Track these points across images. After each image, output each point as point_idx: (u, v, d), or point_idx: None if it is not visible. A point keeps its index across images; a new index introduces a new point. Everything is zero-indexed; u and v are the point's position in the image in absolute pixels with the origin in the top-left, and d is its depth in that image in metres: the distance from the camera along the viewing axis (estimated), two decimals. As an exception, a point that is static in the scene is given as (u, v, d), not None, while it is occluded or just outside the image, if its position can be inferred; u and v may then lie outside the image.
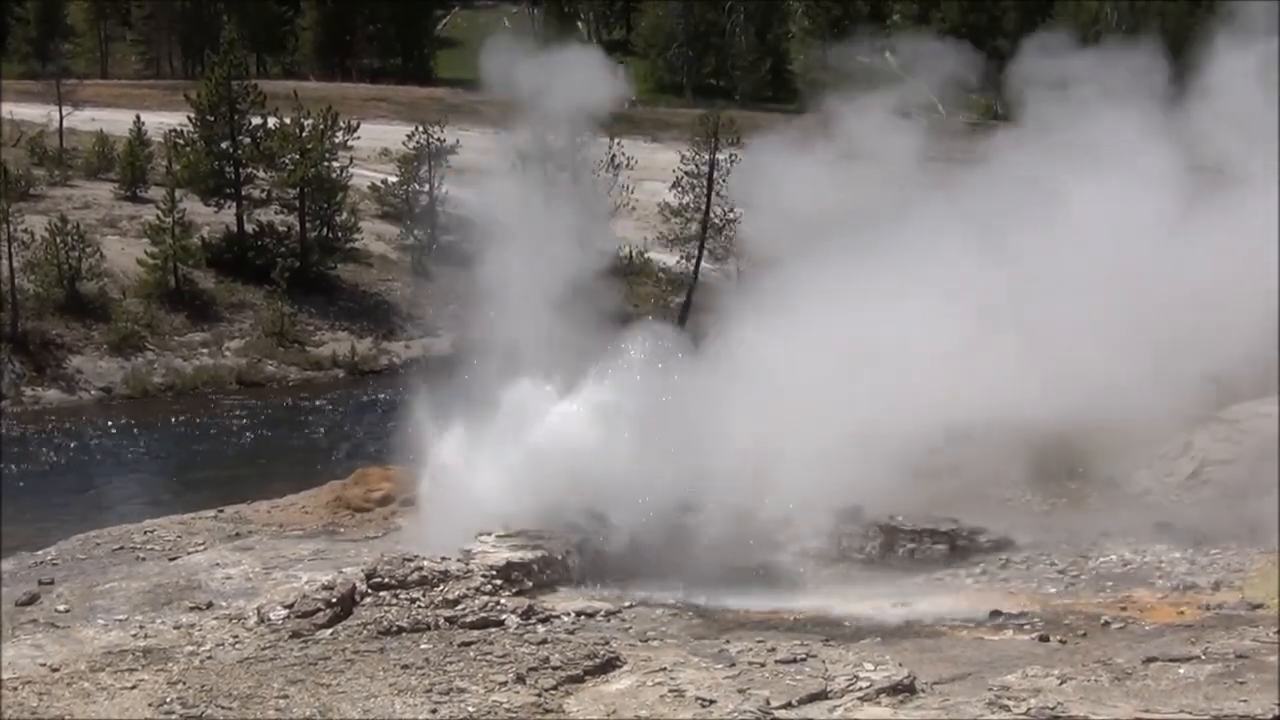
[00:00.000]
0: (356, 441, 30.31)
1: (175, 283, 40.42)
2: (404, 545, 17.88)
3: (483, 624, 15.81)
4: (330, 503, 21.75)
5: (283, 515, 21.60)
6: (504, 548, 17.58)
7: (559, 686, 13.81)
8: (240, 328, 40.27)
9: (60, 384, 36.34)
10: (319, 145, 43.93)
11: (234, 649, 15.33)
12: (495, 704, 13.34)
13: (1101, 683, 13.52)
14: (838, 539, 18.72)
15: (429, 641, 15.15)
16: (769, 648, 14.56)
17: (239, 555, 19.10)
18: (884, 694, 13.38)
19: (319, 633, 15.65)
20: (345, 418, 34.70)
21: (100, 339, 37.75)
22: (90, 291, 39.00)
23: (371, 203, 47.56)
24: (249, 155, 44.13)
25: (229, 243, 43.33)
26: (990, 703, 13.04)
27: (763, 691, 13.32)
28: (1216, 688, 13.23)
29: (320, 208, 44.13)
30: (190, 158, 43.85)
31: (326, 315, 41.86)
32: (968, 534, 18.62)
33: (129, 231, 42.83)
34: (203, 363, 38.47)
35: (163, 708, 13.55)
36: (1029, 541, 18.74)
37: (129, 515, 22.97)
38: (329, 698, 13.58)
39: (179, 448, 32.58)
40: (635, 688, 13.72)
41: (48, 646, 15.58)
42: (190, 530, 20.68)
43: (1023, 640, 15.46)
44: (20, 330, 36.64)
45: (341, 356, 39.84)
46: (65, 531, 21.30)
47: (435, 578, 16.60)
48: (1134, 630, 15.58)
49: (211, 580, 18.00)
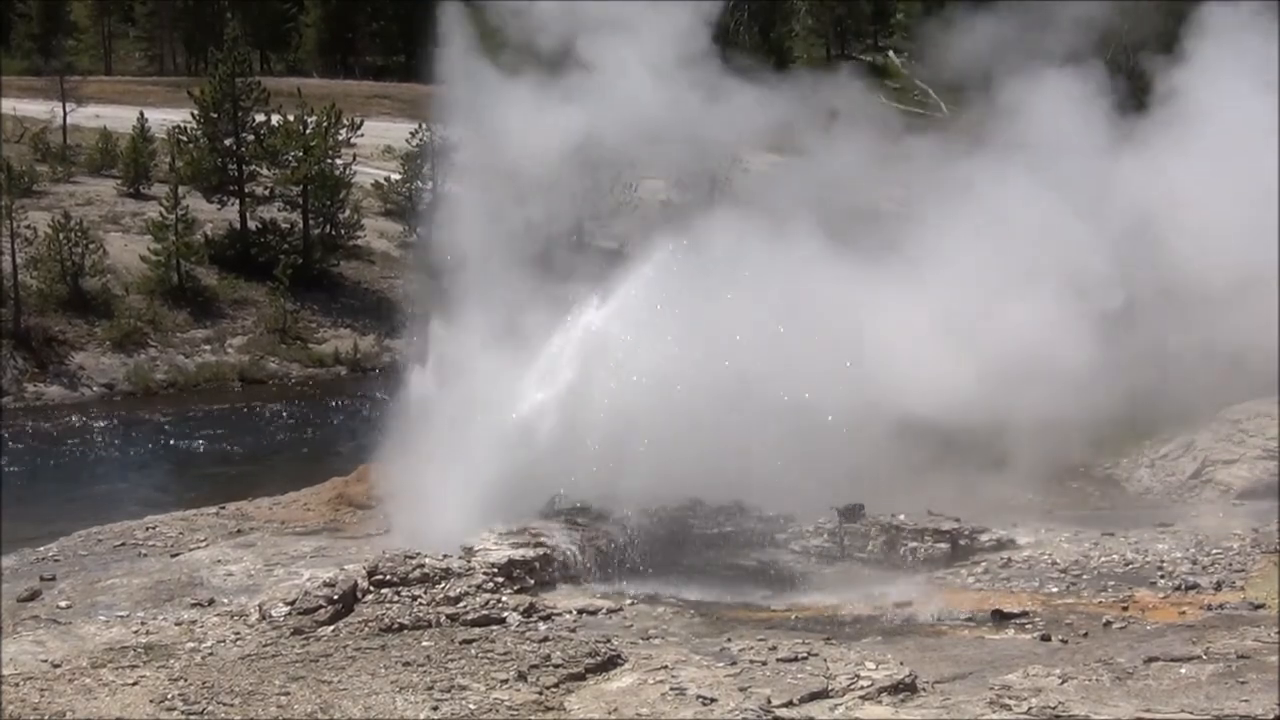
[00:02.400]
0: (359, 439, 30.31)
1: (178, 279, 40.44)
2: (405, 542, 17.86)
3: (484, 621, 15.82)
4: (332, 500, 21.75)
5: (285, 512, 21.60)
6: (505, 545, 17.59)
7: (560, 684, 13.82)
8: (243, 325, 40.28)
9: (63, 380, 36.36)
10: (322, 142, 43.94)
11: (235, 646, 15.33)
12: (496, 701, 13.34)
13: (1103, 682, 13.52)
14: (840, 537, 18.74)
15: (430, 639, 15.15)
16: (770, 646, 14.56)
17: (241, 552, 19.10)
18: (885, 693, 13.39)
19: (320, 630, 15.65)
20: (347, 415, 34.72)
21: (103, 335, 37.78)
22: (93, 288, 39.02)
23: (374, 200, 47.55)
24: (252, 152, 44.13)
25: (232, 240, 43.34)
26: (991, 702, 13.04)
27: (764, 690, 13.33)
28: (1218, 688, 13.23)
29: (323, 205, 44.14)
30: (193, 154, 43.86)
31: (329, 312, 41.88)
32: (969, 533, 18.63)
33: (132, 228, 42.85)
34: (205, 360, 38.49)
35: (164, 704, 13.55)
36: (1031, 541, 18.75)
37: (131, 511, 22.96)
38: (330, 695, 13.58)
39: (181, 444, 32.59)
40: (636, 686, 13.72)
41: (49, 642, 15.58)
42: (192, 527, 20.69)
43: (1024, 639, 15.46)
44: (23, 326, 36.65)
45: (344, 354, 39.86)
46: (67, 527, 21.30)
47: (437, 575, 16.61)
48: (1135, 630, 15.57)
49: (213, 577, 18.00)
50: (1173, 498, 21.41)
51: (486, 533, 17.83)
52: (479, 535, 17.79)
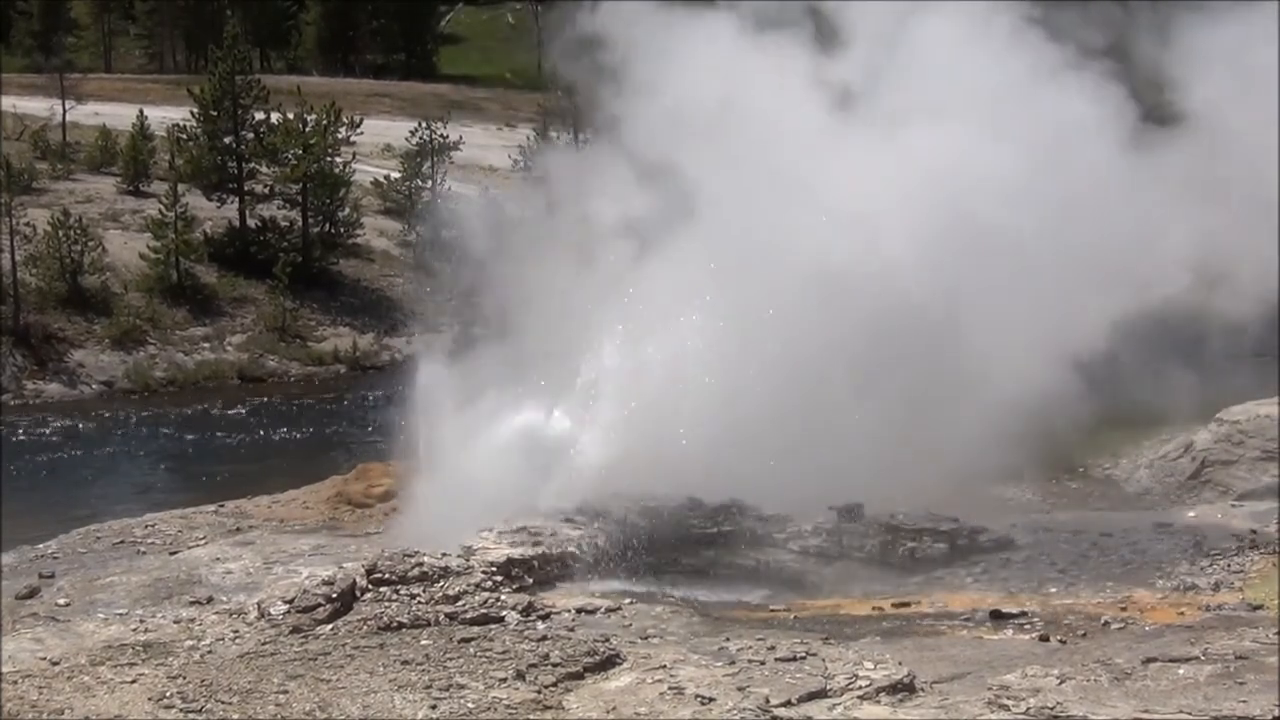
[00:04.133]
0: (358, 437, 30.33)
1: (177, 277, 40.46)
2: (404, 541, 17.86)
3: (483, 620, 15.80)
4: (331, 498, 21.76)
5: (283, 510, 21.62)
6: (504, 544, 17.58)
7: (559, 683, 13.80)
8: (242, 323, 40.30)
9: (62, 378, 36.38)
10: (321, 141, 43.98)
11: (234, 644, 15.32)
12: (495, 700, 13.33)
13: (1101, 683, 13.51)
14: (838, 537, 18.72)
15: (429, 637, 15.14)
16: (769, 645, 14.54)
17: (239, 550, 19.11)
18: (883, 692, 13.37)
19: (319, 628, 15.64)
20: (346, 413, 34.73)
21: (102, 333, 37.80)
22: (92, 286, 39.05)
23: (374, 198, 47.60)
24: (252, 150, 44.17)
25: (231, 238, 43.37)
26: (989, 702, 13.03)
27: (762, 689, 13.32)
28: (1216, 688, 13.22)
29: (322, 203, 44.18)
30: (193, 152, 43.90)
31: (328, 311, 41.91)
32: (968, 533, 18.61)
33: (131, 226, 42.88)
34: (204, 358, 38.51)
35: (162, 702, 13.55)
36: (1029, 541, 18.74)
37: (129, 509, 22.99)
38: (329, 693, 13.58)
39: (180, 442, 32.60)
40: (635, 685, 13.71)
41: (48, 640, 15.58)
42: (191, 525, 20.70)
43: (1022, 640, 15.45)
44: (22, 324, 36.67)
45: (343, 352, 39.87)
46: (66, 525, 21.33)
47: (436, 574, 16.59)
48: (1134, 630, 15.56)
49: (212, 575, 18.00)
50: (1171, 498, 21.42)
51: (485, 531, 17.83)
52: (478, 534, 17.78)
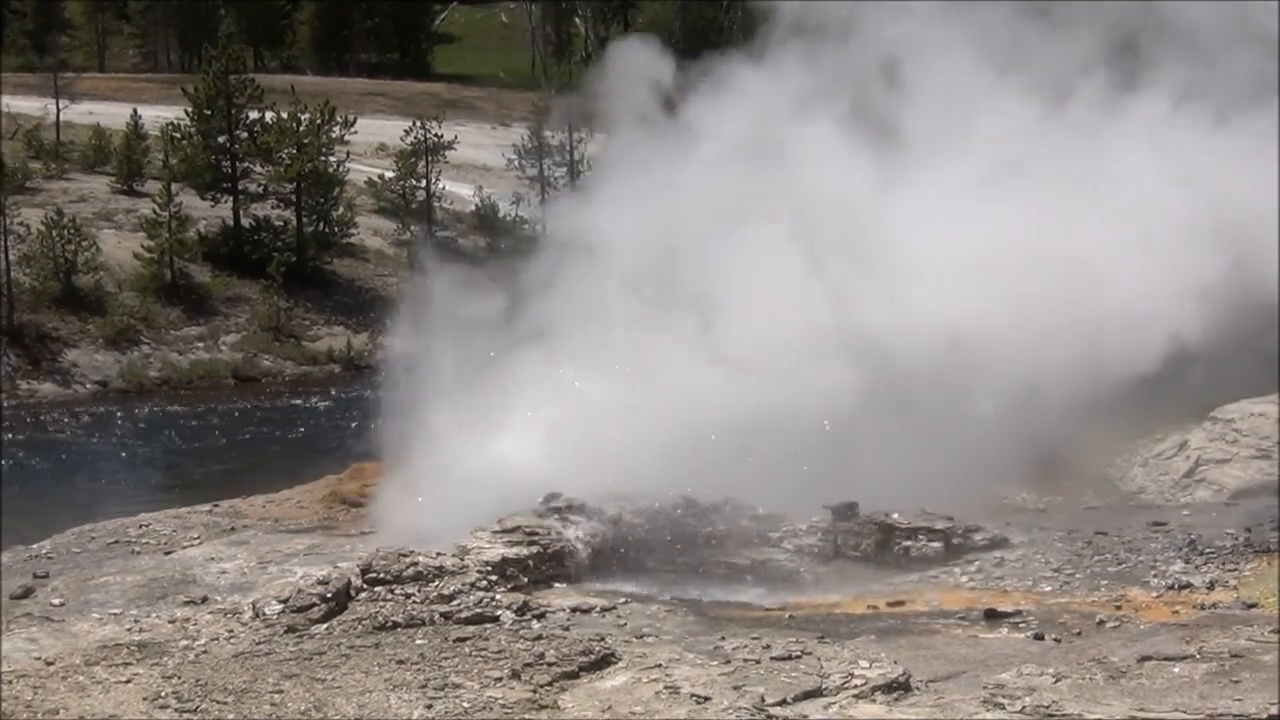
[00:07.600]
0: (352, 436, 30.30)
1: (171, 277, 40.45)
2: (399, 540, 17.84)
3: (478, 620, 15.78)
4: (326, 498, 21.74)
5: (278, 510, 21.59)
6: (499, 543, 17.55)
7: (554, 682, 13.79)
8: (236, 322, 40.30)
9: (56, 377, 36.36)
10: (316, 140, 43.98)
11: (229, 643, 15.30)
12: (490, 700, 13.32)
13: (1096, 681, 13.51)
14: (833, 536, 18.72)
15: (424, 637, 15.13)
16: (764, 645, 14.53)
17: (234, 550, 19.08)
18: (879, 691, 13.36)
19: (314, 628, 15.63)
20: (341, 412, 34.70)
21: (96, 332, 37.79)
22: (86, 285, 39.02)
23: (368, 198, 47.60)
24: (246, 149, 44.18)
25: (225, 237, 43.37)
26: (985, 701, 13.03)
27: (758, 688, 13.31)
28: (1211, 687, 13.22)
29: (317, 202, 44.19)
30: (187, 152, 43.89)
31: (323, 310, 41.92)
32: (963, 532, 18.61)
33: (125, 225, 42.87)
34: (198, 357, 38.51)
35: (157, 702, 13.53)
36: (1024, 540, 18.74)
37: (124, 509, 22.96)
38: (324, 693, 13.57)
39: (174, 442, 32.58)
40: (630, 684, 13.70)
41: (42, 640, 15.55)
42: (185, 524, 20.67)
43: (1017, 638, 15.44)
44: (16, 323, 36.66)
45: (337, 351, 39.87)
46: (60, 525, 21.29)
47: (431, 573, 16.57)
48: (1129, 629, 15.56)
49: (206, 574, 17.97)
50: (1166, 497, 21.43)
51: (480, 530, 17.81)
52: (473, 533, 17.77)
